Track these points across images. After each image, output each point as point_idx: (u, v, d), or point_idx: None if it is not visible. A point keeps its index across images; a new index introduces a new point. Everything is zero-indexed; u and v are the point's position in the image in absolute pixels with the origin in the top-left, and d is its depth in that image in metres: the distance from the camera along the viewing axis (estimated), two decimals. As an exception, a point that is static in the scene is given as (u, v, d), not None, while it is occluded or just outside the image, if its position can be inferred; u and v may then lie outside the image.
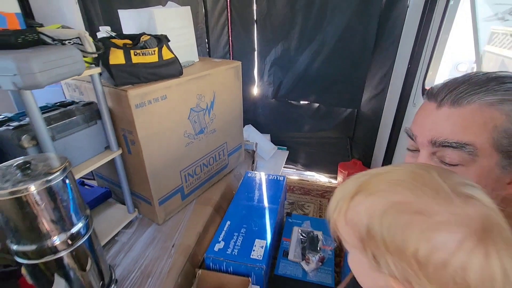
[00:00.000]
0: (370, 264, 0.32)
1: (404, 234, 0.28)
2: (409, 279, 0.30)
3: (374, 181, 0.33)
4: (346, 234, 0.35)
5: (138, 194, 1.28)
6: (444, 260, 0.27)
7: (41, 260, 0.68)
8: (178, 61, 1.15)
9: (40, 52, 0.73)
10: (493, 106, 0.41)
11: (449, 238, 0.27)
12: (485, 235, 0.27)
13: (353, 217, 0.33)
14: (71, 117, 0.99)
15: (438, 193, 0.29)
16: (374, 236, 0.30)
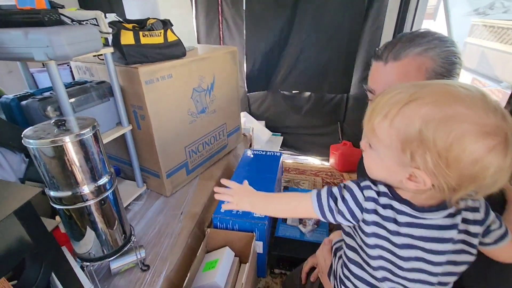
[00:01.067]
0: (400, 161, 0.40)
1: (455, 139, 0.35)
2: (437, 173, 0.36)
3: (427, 92, 0.38)
4: (386, 136, 0.40)
5: (147, 169, 1.38)
6: (475, 159, 0.35)
7: (73, 206, 0.79)
8: (181, 43, 1.26)
9: (66, 28, 0.83)
10: (422, 55, 0.57)
11: (486, 144, 0.34)
12: (509, 144, 0.35)
13: (402, 121, 0.38)
14: (87, 93, 1.08)
15: (488, 109, 0.35)
16: (424, 139, 0.36)
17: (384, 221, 0.44)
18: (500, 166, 0.35)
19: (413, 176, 0.40)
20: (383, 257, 0.45)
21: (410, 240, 0.43)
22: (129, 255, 0.99)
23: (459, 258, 0.44)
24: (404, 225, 0.43)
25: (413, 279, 0.45)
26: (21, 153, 0.90)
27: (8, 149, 0.87)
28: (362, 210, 0.45)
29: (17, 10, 0.82)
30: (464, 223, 0.43)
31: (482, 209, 0.45)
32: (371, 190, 0.45)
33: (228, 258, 1.10)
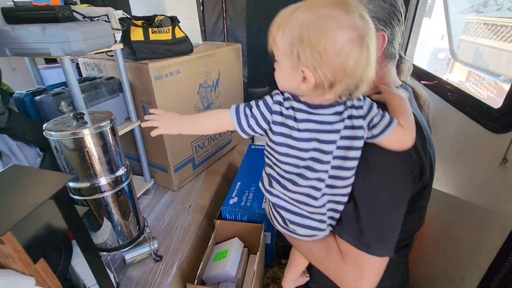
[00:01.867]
0: (292, 64, 0.48)
1: (321, 33, 0.45)
2: (316, 66, 0.46)
3: (308, 3, 0.47)
4: (281, 43, 0.49)
5: (155, 164, 1.40)
6: (337, 51, 0.44)
7: (91, 197, 0.81)
8: (189, 39, 1.28)
9: (81, 24, 0.85)
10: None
11: (345, 36, 0.44)
12: (364, 39, 0.45)
13: (290, 27, 0.47)
14: (97, 89, 1.10)
15: (347, 9, 0.45)
16: (302, 37, 0.45)
17: (286, 119, 0.52)
18: (358, 58, 0.45)
19: (304, 77, 0.48)
20: (289, 154, 0.54)
21: (307, 134, 0.51)
22: (142, 246, 1.01)
23: (348, 154, 0.53)
24: (301, 121, 0.51)
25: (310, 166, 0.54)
26: (37, 147, 0.92)
27: (24, 143, 0.89)
28: (272, 112, 0.52)
29: (33, 6, 0.84)
30: (349, 118, 0.52)
31: (366, 106, 0.53)
32: (279, 96, 0.53)
33: (238, 248, 1.13)
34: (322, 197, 0.55)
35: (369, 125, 0.52)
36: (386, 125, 0.52)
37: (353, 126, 0.51)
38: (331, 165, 0.53)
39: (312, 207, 0.56)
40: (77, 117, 0.76)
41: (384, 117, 0.53)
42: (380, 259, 0.54)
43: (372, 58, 0.46)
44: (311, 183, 0.54)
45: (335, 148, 0.52)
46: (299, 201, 0.56)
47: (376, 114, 0.53)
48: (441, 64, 4.11)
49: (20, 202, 0.44)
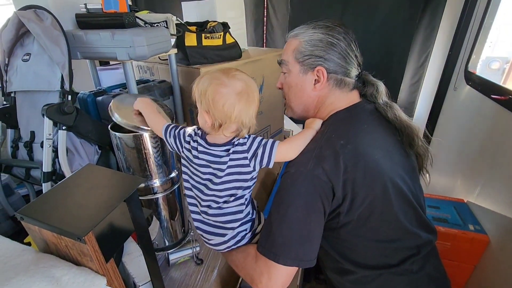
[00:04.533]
0: (200, 109, 0.67)
1: (212, 89, 0.63)
2: (209, 110, 0.64)
3: (205, 75, 0.67)
4: (194, 94, 0.67)
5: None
6: (223, 101, 0.63)
7: (144, 197, 0.83)
8: (238, 45, 1.30)
9: (145, 30, 0.89)
10: (294, 37, 0.79)
11: (225, 91, 0.63)
12: (240, 94, 0.63)
13: (199, 85, 0.66)
14: (150, 91, 1.15)
15: (229, 75, 0.65)
16: (202, 91, 0.64)
17: (192, 149, 0.71)
18: (236, 108, 0.63)
19: (205, 119, 0.66)
20: (190, 172, 0.74)
21: (204, 162, 0.70)
22: (185, 248, 1.02)
23: (238, 177, 0.69)
24: (201, 153, 0.70)
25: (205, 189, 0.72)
26: (96, 145, 0.98)
27: (86, 141, 0.94)
28: (185, 140, 0.72)
29: (103, 13, 0.89)
30: (234, 153, 0.68)
31: (248, 142, 0.69)
32: (193, 131, 0.72)
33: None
34: (218, 209, 0.71)
35: (255, 157, 0.67)
36: (269, 151, 0.67)
37: (237, 158, 0.68)
38: (223, 185, 0.69)
39: (211, 215, 0.72)
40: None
41: (266, 145, 0.68)
42: (287, 268, 0.66)
43: (248, 108, 0.65)
44: (210, 198, 0.71)
45: (224, 174, 0.68)
46: (203, 212, 0.73)
47: (258, 146, 0.68)
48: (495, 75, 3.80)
49: (98, 203, 0.46)
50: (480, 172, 1.21)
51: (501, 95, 0.94)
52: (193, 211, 0.77)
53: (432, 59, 1.79)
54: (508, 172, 0.76)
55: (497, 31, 1.50)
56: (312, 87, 0.77)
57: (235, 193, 0.70)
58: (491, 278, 1.04)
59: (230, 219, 0.72)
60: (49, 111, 0.81)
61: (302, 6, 2.01)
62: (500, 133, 1.00)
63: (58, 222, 0.42)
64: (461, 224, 1.24)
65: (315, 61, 0.75)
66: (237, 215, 0.72)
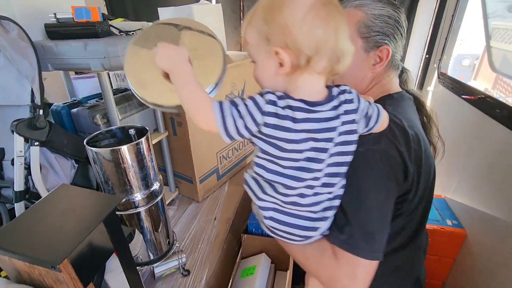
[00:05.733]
0: (265, 52, 0.48)
1: (280, 7, 0.45)
2: (286, 41, 0.45)
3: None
4: (251, 37, 0.50)
5: (180, 174, 1.40)
6: (301, 18, 0.44)
7: (125, 212, 0.81)
8: (217, 51, 1.29)
9: (120, 39, 0.87)
10: (357, 8, 0.67)
11: (305, 2, 0.45)
12: (328, 4, 0.46)
13: (255, 18, 0.49)
14: (129, 101, 1.12)
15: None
16: (266, 18, 0.47)
17: (282, 120, 0.48)
18: (325, 24, 0.45)
19: (280, 62, 0.47)
20: (275, 158, 0.52)
21: (304, 134, 0.49)
22: (171, 260, 1.00)
23: (344, 148, 0.53)
24: (300, 121, 0.48)
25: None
26: (72, 159, 0.94)
27: (62, 155, 0.90)
28: (263, 113, 0.47)
29: (74, 22, 0.86)
30: (345, 114, 0.52)
31: (355, 99, 0.53)
32: (271, 94, 0.48)
33: (265, 265, 1.11)
34: (313, 196, 0.54)
35: (366, 120, 0.55)
36: (377, 114, 0.56)
37: (347, 121, 0.52)
38: (327, 163, 0.52)
39: (303, 206, 0.55)
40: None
41: (374, 107, 0.56)
42: (371, 262, 0.55)
43: (341, 24, 0.46)
44: (306, 183, 0.53)
45: (333, 145, 0.52)
46: (291, 202, 0.55)
47: (367, 106, 0.55)
48: (465, 71, 3.99)
49: (74, 226, 0.44)
50: (456, 169, 1.27)
51: (470, 94, 0.99)
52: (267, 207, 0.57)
53: (407, 61, 1.85)
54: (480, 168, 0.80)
55: (467, 28, 1.58)
56: (370, 68, 0.68)
57: (338, 172, 0.54)
58: (470, 270, 1.09)
59: (327, 205, 0.57)
60: (19, 127, 0.77)
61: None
62: (472, 131, 1.05)
63: (30, 250, 0.39)
64: (440, 219, 1.29)
65: (382, 39, 0.65)
66: (335, 201, 0.57)
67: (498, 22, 3.73)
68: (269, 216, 0.57)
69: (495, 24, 3.85)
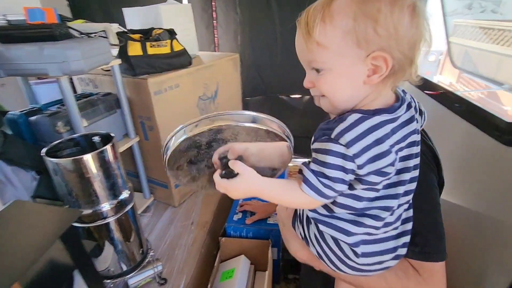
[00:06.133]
0: (354, 56, 0.40)
1: (390, 3, 0.38)
2: (391, 44, 0.39)
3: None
4: (330, 39, 0.40)
5: (154, 180, 1.36)
6: (408, 20, 0.39)
7: (93, 224, 0.77)
8: (187, 52, 1.26)
9: (80, 42, 0.82)
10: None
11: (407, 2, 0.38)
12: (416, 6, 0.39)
13: (340, 14, 0.39)
14: (94, 106, 1.06)
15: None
16: (368, 12, 0.38)
17: (373, 147, 0.42)
18: (420, 28, 0.40)
19: (373, 65, 0.41)
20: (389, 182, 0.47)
21: (396, 146, 0.44)
22: (146, 270, 0.97)
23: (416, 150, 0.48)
24: (390, 135, 0.43)
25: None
26: (32, 170, 0.88)
27: (20, 167, 0.84)
28: (352, 159, 0.41)
29: (28, 25, 0.80)
30: (416, 112, 0.49)
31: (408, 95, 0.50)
32: (348, 133, 0.41)
33: (245, 267, 1.10)
34: (397, 209, 0.49)
35: (421, 115, 0.52)
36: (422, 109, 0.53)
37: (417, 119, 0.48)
38: (412, 169, 0.48)
39: (391, 224, 0.50)
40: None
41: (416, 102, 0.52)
42: (444, 263, 0.54)
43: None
44: (402, 201, 0.49)
45: (417, 149, 0.48)
46: (384, 224, 0.49)
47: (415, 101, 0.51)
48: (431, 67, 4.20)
49: (27, 245, 0.41)
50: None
51: (432, 90, 1.04)
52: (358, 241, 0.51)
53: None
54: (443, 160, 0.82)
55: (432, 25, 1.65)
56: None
57: (416, 176, 0.50)
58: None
59: (405, 217, 0.52)
60: (-32, 139, 0.71)
61: (251, 8, 2.02)
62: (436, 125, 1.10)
63: (-25, 276, 0.36)
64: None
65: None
66: (410, 211, 0.53)
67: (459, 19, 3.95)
68: (361, 252, 0.51)
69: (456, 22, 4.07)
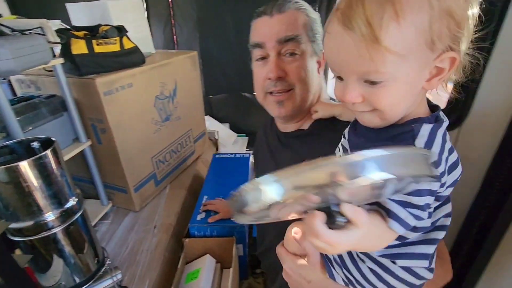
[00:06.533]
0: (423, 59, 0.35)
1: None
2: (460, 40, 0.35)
3: None
4: (403, 40, 0.33)
5: (112, 185, 1.30)
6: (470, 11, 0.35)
7: (36, 236, 0.71)
8: (139, 50, 1.21)
9: (9, 39, 0.75)
10: (299, 10, 0.69)
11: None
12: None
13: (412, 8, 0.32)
14: (36, 110, 0.98)
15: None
16: (448, 9, 0.33)
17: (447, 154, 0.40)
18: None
19: (436, 68, 0.37)
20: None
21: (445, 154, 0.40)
22: (104, 280, 0.92)
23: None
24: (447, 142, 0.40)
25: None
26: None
27: None
28: (438, 178, 0.38)
29: None
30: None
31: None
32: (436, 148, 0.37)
33: (210, 266, 1.09)
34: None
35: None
36: None
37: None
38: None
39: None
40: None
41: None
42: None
43: None
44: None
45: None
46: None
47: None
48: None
49: None
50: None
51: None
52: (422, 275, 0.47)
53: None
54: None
55: None
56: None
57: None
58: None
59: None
60: None
61: (207, 3, 1.99)
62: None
63: None
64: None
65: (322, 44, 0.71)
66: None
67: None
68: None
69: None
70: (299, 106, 0.73)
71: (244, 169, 1.51)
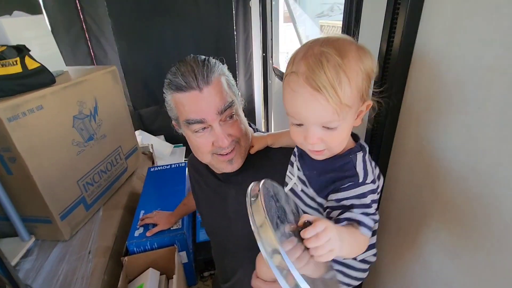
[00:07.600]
0: (357, 107, 0.50)
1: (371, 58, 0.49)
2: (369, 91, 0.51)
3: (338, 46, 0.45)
4: (351, 98, 0.46)
5: (32, 217, 1.18)
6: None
7: None
8: (47, 69, 1.14)
9: None
10: (220, 75, 0.71)
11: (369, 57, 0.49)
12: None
13: (352, 76, 0.45)
14: None
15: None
16: (367, 72, 0.48)
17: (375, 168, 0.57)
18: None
19: (359, 111, 0.52)
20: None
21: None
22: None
23: None
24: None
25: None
26: None
27: None
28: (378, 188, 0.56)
29: None
30: None
31: None
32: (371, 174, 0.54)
33: (153, 279, 1.09)
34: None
35: None
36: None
37: None
38: None
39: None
40: None
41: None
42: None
43: None
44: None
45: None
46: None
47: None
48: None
49: None
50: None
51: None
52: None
53: (255, 58, 2.13)
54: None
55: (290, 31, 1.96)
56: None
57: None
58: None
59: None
60: None
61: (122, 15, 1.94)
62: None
63: None
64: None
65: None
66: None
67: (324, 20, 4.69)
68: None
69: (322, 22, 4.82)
70: (244, 155, 0.78)
71: (181, 178, 1.53)
